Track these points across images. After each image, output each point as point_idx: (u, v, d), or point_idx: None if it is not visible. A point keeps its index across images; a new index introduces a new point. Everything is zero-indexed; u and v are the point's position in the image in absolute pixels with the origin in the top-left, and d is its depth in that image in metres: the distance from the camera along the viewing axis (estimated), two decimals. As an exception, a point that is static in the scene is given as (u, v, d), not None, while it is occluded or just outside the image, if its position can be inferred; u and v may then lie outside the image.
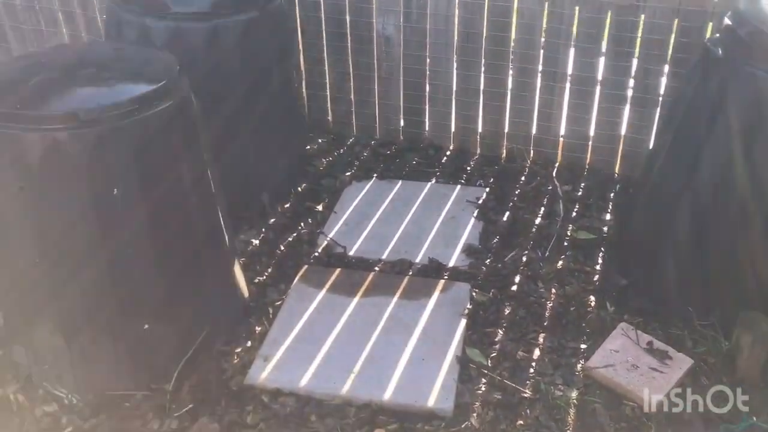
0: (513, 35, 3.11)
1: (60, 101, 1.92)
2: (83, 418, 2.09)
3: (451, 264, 2.69)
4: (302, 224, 2.92)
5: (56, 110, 1.85)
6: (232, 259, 2.41)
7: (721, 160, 2.18)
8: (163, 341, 2.17)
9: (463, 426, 2.04)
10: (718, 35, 2.32)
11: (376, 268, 2.69)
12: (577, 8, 2.95)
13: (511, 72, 3.20)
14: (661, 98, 2.99)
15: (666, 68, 2.95)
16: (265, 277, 2.63)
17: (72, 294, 2.02)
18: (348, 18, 3.30)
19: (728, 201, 2.19)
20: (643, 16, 2.88)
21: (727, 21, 2.21)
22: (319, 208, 3.03)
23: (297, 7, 3.33)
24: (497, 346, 2.31)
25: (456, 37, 3.19)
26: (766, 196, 2.13)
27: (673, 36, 2.87)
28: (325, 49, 3.40)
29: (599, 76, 3.06)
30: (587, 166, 3.27)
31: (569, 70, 3.10)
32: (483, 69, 3.23)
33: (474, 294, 2.52)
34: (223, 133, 2.71)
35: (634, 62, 2.99)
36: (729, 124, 2.14)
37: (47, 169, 1.84)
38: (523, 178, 3.21)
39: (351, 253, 2.76)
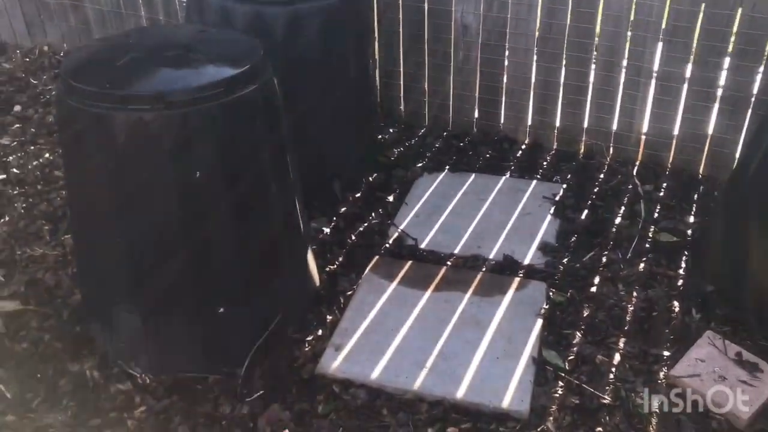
0: (598, 27, 3.00)
1: (147, 82, 1.92)
2: (156, 398, 2.09)
3: (526, 261, 2.61)
4: (373, 214, 2.88)
5: (143, 90, 1.85)
6: (306, 247, 2.39)
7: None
8: (236, 326, 2.16)
9: (539, 429, 1.97)
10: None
11: (448, 263, 2.63)
12: (668, 0, 2.82)
13: (593, 65, 3.09)
14: (754, 98, 2.84)
15: (762, 67, 2.79)
16: (336, 266, 2.60)
17: (151, 275, 2.03)
18: (426, 6, 3.24)
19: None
20: (740, 10, 2.73)
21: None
22: (390, 198, 2.99)
23: (375, -6, 3.29)
24: (575, 349, 2.23)
25: (538, 28, 3.09)
26: None
27: (773, 31, 2.72)
28: (401, 36, 3.34)
29: (687, 73, 2.93)
30: (669, 166, 3.14)
31: (656, 66, 2.97)
32: (564, 61, 3.12)
33: (551, 294, 2.44)
34: (298, 120, 2.68)
35: (727, 59, 2.84)
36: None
37: (132, 148, 1.85)
38: (601, 176, 3.10)
39: (422, 245, 2.71)
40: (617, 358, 2.19)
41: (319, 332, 2.32)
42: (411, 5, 3.25)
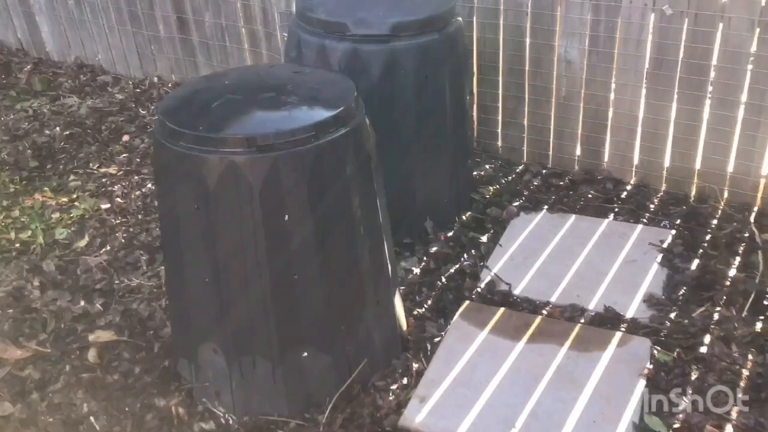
0: (714, 63, 2.80)
1: (239, 125, 1.92)
2: (237, 440, 2.08)
3: (629, 315, 2.44)
4: (465, 255, 2.78)
5: (235, 134, 1.85)
6: (393, 291, 2.32)
7: None
8: (320, 371, 2.12)
9: (638, 506, 1.81)
10: None
11: (544, 312, 2.49)
12: (795, 35, 2.60)
13: (708, 103, 2.88)
14: None
15: None
16: (424, 310, 2.52)
17: (237, 316, 2.02)
18: (528, 40, 3.14)
19: None
20: None
21: None
22: (484, 239, 2.89)
23: (475, 30, 3.21)
24: (681, 416, 2.04)
25: (647, 63, 2.93)
26: None
27: None
28: (500, 71, 3.25)
29: (815, 113, 2.68)
30: (793, 213, 2.88)
31: (779, 105, 2.74)
32: (676, 98, 2.94)
33: (656, 352, 2.26)
34: (392, 156, 2.64)
35: None
36: None
37: (223, 190, 1.85)
38: (714, 222, 2.88)
39: (516, 291, 2.59)
40: (729, 429, 1.99)
41: (404, 381, 2.24)
42: (512, 39, 3.16)
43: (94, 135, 3.82)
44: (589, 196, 3.12)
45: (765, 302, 2.42)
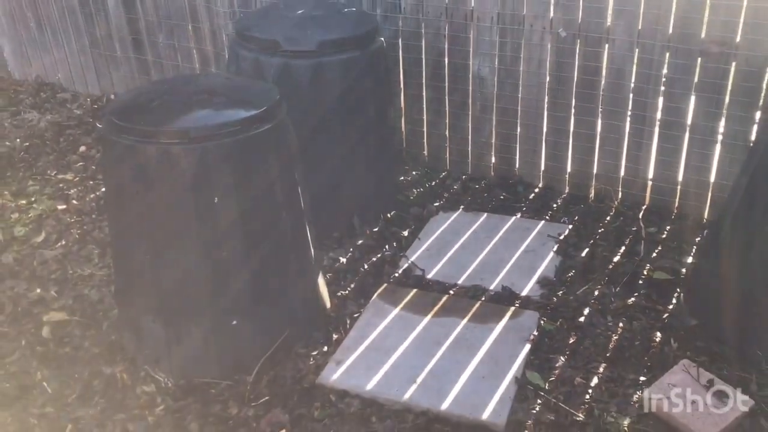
0: (603, 80, 3.22)
1: (175, 120, 2.25)
2: (174, 400, 2.36)
3: (524, 293, 2.80)
4: (387, 247, 3.12)
5: (170, 127, 2.17)
6: (316, 272, 2.65)
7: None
8: (248, 338, 2.42)
9: (513, 441, 2.14)
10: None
11: (451, 292, 2.84)
12: (667, 54, 3.02)
13: (600, 115, 3.29)
14: (751, 145, 2.98)
15: (758, 115, 2.95)
16: (347, 292, 2.85)
17: (172, 287, 2.33)
18: (446, 59, 3.52)
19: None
20: (734, 64, 2.91)
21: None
22: (405, 233, 3.23)
23: (401, 50, 3.59)
24: (557, 372, 2.39)
25: (548, 80, 3.33)
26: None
27: (765, 83, 2.88)
28: (424, 88, 3.63)
29: (688, 122, 3.10)
30: (675, 211, 3.29)
31: (658, 115, 3.16)
32: (573, 111, 3.34)
33: (542, 322, 2.61)
34: (321, 160, 2.99)
35: (725, 109, 3.01)
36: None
37: (160, 176, 2.16)
38: (608, 218, 3.27)
39: (429, 276, 2.93)
40: (595, 380, 2.34)
41: (324, 349, 2.55)
42: (433, 59, 3.54)
43: (52, 146, 4.09)
44: (501, 197, 3.50)
45: (640, 281, 2.80)
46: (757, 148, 2.44)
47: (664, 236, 3.12)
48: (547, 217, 3.33)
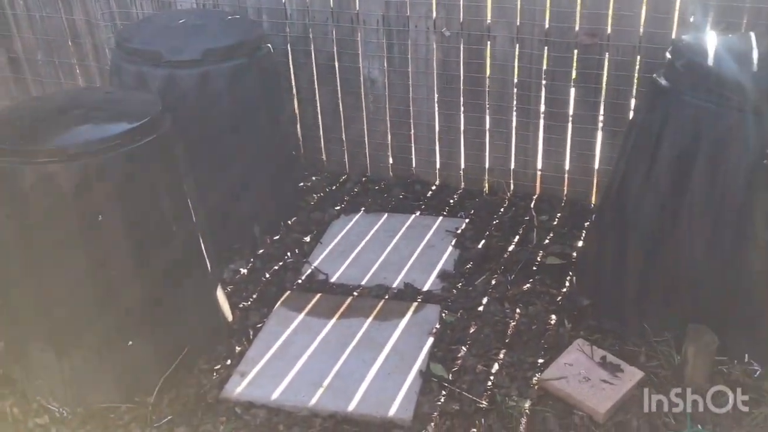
0: (487, 76, 3.31)
1: (51, 137, 2.15)
2: (71, 429, 2.26)
3: (425, 288, 2.84)
4: (289, 254, 3.10)
5: (47, 146, 2.09)
6: (214, 285, 2.60)
7: (664, 186, 2.32)
8: (146, 358, 2.35)
9: (420, 434, 2.17)
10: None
11: (355, 293, 2.85)
12: (546, 48, 3.15)
13: (488, 110, 3.39)
14: (626, 129, 3.14)
15: (633, 102, 3.11)
16: (249, 303, 2.81)
17: (61, 313, 2.23)
18: (336, 63, 3.54)
19: (674, 227, 2.32)
20: (607, 54, 3.06)
21: (667, 54, 2.38)
22: (307, 239, 3.22)
23: (290, 56, 3.58)
24: (459, 362, 2.44)
25: (435, 80, 3.40)
26: (706, 220, 2.26)
27: (636, 71, 3.04)
28: (316, 93, 3.63)
29: (570, 112, 3.24)
30: (565, 198, 3.42)
31: (542, 107, 3.28)
32: (462, 108, 3.43)
33: (443, 315, 2.66)
34: (214, 170, 2.94)
35: (603, 97, 3.16)
36: (670, 149, 2.29)
37: (37, 198, 2.07)
38: (502, 210, 3.37)
39: (333, 279, 2.94)
40: (496, 367, 2.41)
41: (228, 362, 2.51)
42: (323, 64, 3.55)
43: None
44: (401, 197, 3.54)
45: (534, 268, 2.90)
46: (630, 131, 2.57)
47: (555, 223, 3.24)
48: (444, 213, 3.39)
